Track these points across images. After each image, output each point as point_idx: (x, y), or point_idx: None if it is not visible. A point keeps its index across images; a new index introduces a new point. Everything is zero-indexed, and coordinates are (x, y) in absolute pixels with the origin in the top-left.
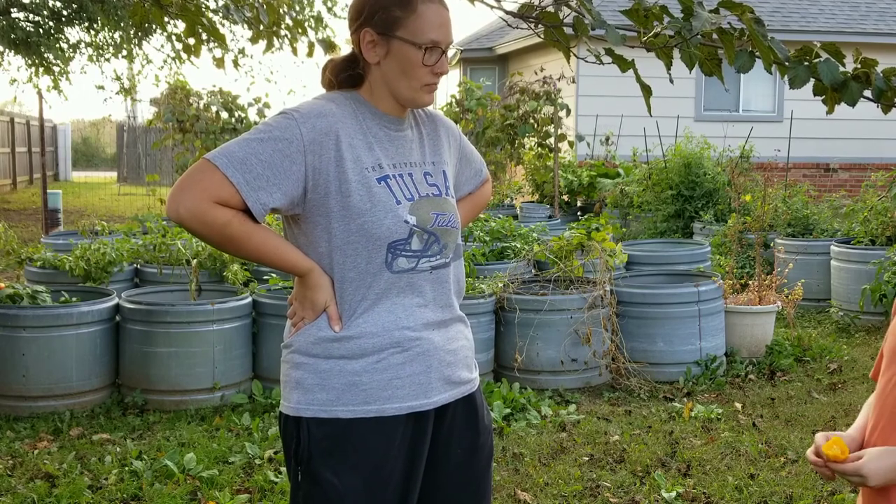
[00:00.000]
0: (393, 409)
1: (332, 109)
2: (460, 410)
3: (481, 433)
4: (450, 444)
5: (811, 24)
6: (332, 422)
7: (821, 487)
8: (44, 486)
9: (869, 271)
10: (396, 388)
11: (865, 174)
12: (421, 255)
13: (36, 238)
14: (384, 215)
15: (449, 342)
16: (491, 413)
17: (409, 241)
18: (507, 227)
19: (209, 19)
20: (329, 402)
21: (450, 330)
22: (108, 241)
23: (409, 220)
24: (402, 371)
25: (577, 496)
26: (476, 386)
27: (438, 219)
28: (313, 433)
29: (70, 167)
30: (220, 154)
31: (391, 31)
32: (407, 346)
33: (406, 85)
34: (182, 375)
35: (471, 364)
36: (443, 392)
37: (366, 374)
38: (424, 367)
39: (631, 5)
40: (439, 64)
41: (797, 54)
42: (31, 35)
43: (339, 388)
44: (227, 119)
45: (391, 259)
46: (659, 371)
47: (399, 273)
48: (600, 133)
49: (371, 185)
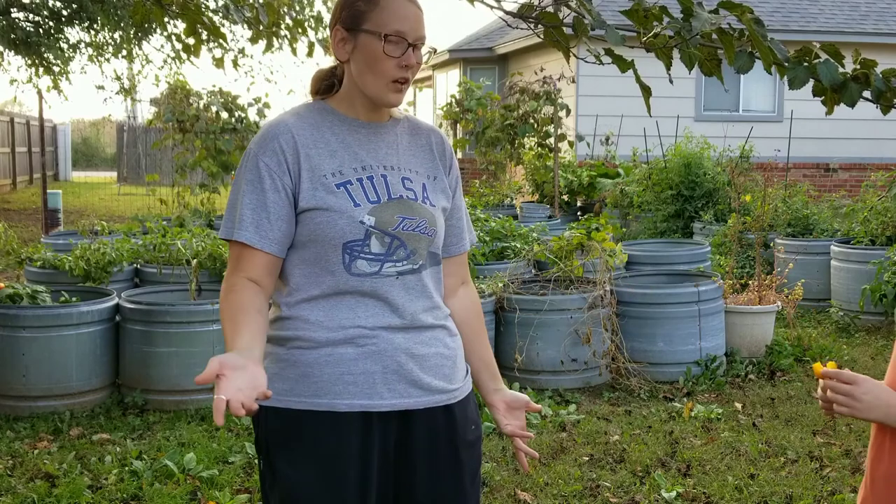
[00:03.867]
0: (344, 405)
1: (287, 125)
2: (440, 421)
3: (461, 448)
4: (424, 453)
5: (811, 24)
6: (286, 412)
7: (821, 487)
8: (44, 486)
9: (869, 271)
10: (347, 383)
11: (865, 174)
12: (384, 259)
13: (36, 238)
14: (338, 217)
15: (416, 346)
16: (480, 428)
17: (367, 243)
18: (507, 227)
19: (209, 18)
20: (284, 391)
21: (421, 335)
22: (108, 241)
23: (365, 221)
24: (355, 367)
25: (577, 496)
26: (457, 398)
27: (404, 222)
28: (270, 422)
29: (70, 167)
30: (224, 226)
31: (357, 25)
32: (361, 343)
33: (372, 81)
34: (182, 375)
35: (449, 374)
36: (403, 396)
37: (318, 366)
38: (379, 366)
39: (631, 5)
40: (405, 56)
41: (797, 55)
42: (31, 35)
43: (293, 378)
44: (227, 119)
45: (349, 261)
46: (659, 371)
47: (360, 276)
48: (600, 133)
49: (328, 191)
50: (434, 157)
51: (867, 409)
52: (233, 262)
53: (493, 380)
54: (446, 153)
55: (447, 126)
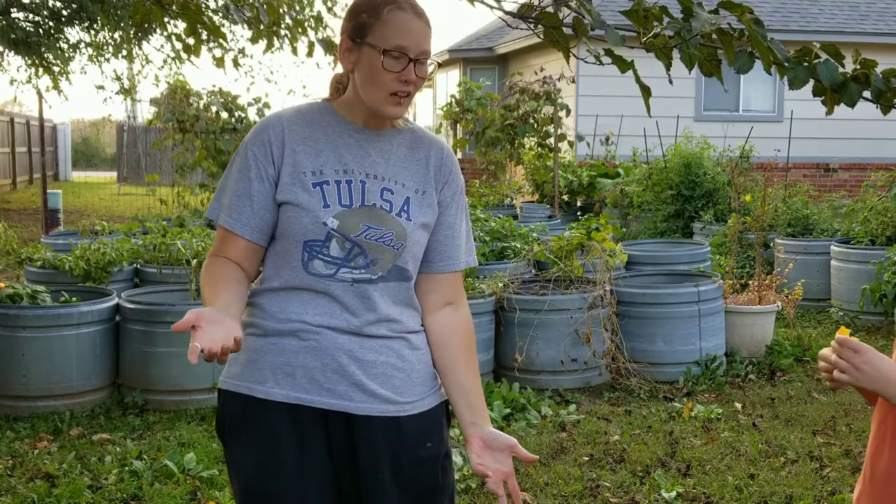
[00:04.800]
0: (280, 395)
1: (282, 119)
2: (385, 433)
3: (410, 464)
4: (373, 465)
5: (811, 24)
6: (234, 396)
7: (821, 487)
8: (44, 486)
9: (869, 271)
10: (286, 374)
11: (865, 174)
12: (342, 263)
13: (36, 238)
14: (304, 214)
15: (361, 351)
16: (442, 445)
17: (327, 245)
18: (507, 227)
19: (210, 18)
20: (235, 375)
21: (370, 342)
22: (108, 241)
23: (327, 223)
24: (294, 360)
25: (577, 496)
26: (407, 412)
27: (368, 231)
28: (224, 405)
29: (70, 167)
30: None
31: (361, 37)
32: (304, 336)
33: (371, 92)
34: (182, 375)
35: (399, 386)
36: (342, 398)
37: (262, 353)
38: (319, 363)
39: (631, 5)
40: (405, 71)
41: (797, 55)
42: (31, 35)
43: (242, 363)
44: (227, 119)
45: (307, 259)
46: (659, 371)
47: (315, 276)
48: (600, 133)
49: (304, 188)
50: (429, 172)
51: (866, 379)
52: (217, 242)
53: (471, 412)
54: (443, 168)
55: (447, 126)
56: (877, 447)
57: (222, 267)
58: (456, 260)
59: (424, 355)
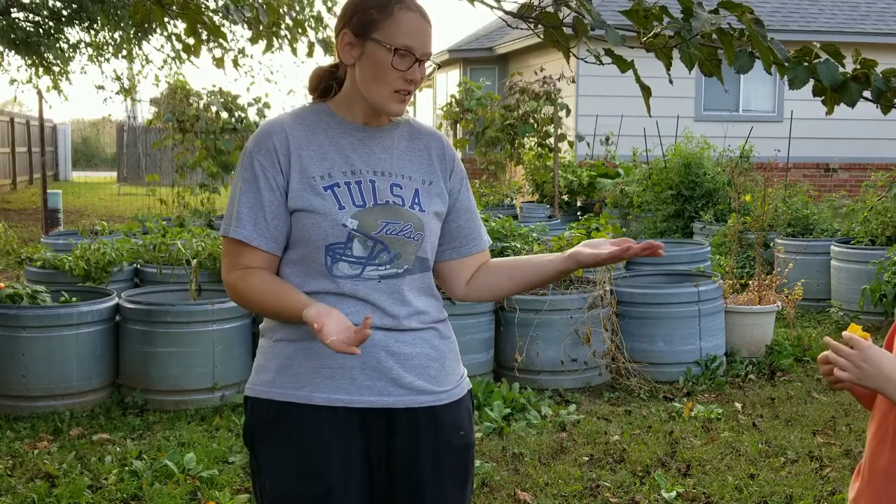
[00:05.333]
0: (321, 399)
1: (283, 125)
2: (423, 423)
3: (446, 453)
4: (410, 456)
5: (811, 24)
6: (268, 403)
7: (821, 487)
8: (44, 486)
9: (869, 271)
10: (325, 377)
11: (865, 174)
12: (367, 262)
13: (36, 238)
14: (322, 219)
15: (397, 345)
16: (471, 434)
17: (350, 246)
18: (507, 227)
19: (210, 18)
20: (267, 383)
21: (404, 334)
22: (108, 241)
23: (347, 224)
24: (332, 361)
25: (577, 496)
26: (443, 400)
27: (388, 227)
28: (255, 413)
29: (70, 167)
30: (224, 223)
31: (367, 32)
32: None
33: (376, 89)
34: (182, 375)
35: (435, 375)
36: (383, 394)
37: (296, 358)
38: (357, 362)
39: (631, 6)
40: (411, 71)
41: (797, 55)
42: (31, 35)
43: (275, 369)
44: (227, 119)
45: (331, 263)
46: (659, 371)
47: (342, 278)
48: (600, 133)
49: (315, 193)
50: (432, 161)
51: (867, 377)
52: (231, 258)
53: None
54: (446, 157)
55: (447, 126)
56: (877, 446)
57: (259, 275)
58: (481, 239)
59: (453, 344)
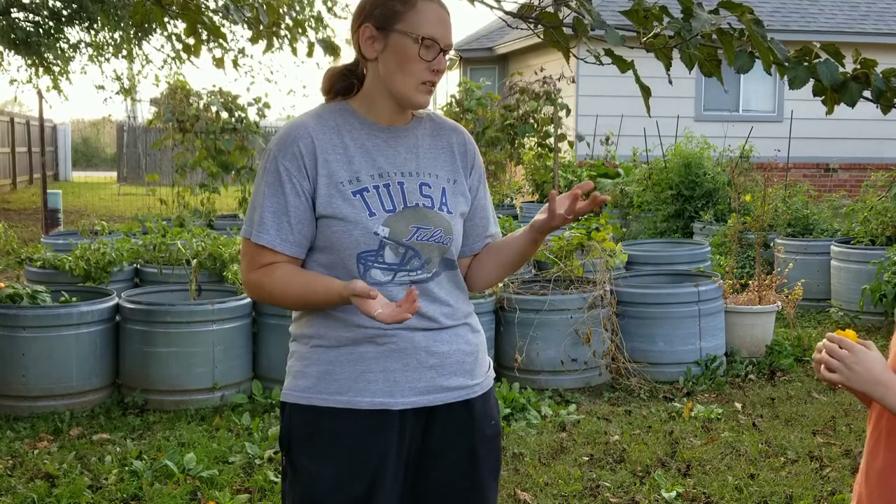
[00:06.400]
0: (365, 403)
1: (307, 128)
2: (457, 415)
3: (480, 442)
4: (442, 450)
5: (811, 24)
6: (309, 409)
7: (821, 487)
8: (44, 486)
9: (869, 271)
10: (368, 381)
11: (865, 174)
12: (398, 268)
13: (36, 238)
14: (353, 227)
15: (436, 344)
16: (499, 424)
17: (381, 254)
18: (507, 228)
19: (209, 18)
20: (307, 388)
21: (441, 333)
22: (108, 241)
23: (379, 232)
24: (375, 365)
25: (577, 496)
26: (476, 393)
27: (419, 233)
28: (294, 419)
29: (70, 167)
30: (245, 225)
31: (390, 24)
32: (381, 341)
33: (402, 81)
34: (182, 375)
35: (470, 369)
36: (424, 394)
37: (338, 364)
38: (400, 364)
39: (631, 5)
40: (436, 61)
41: (797, 55)
42: (31, 35)
43: (316, 375)
44: (227, 119)
45: (363, 270)
46: (659, 371)
47: (374, 285)
48: (600, 133)
49: (345, 199)
50: (455, 158)
51: (857, 379)
52: (252, 259)
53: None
54: (468, 153)
55: None
56: (873, 447)
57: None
58: (489, 234)
59: (482, 336)
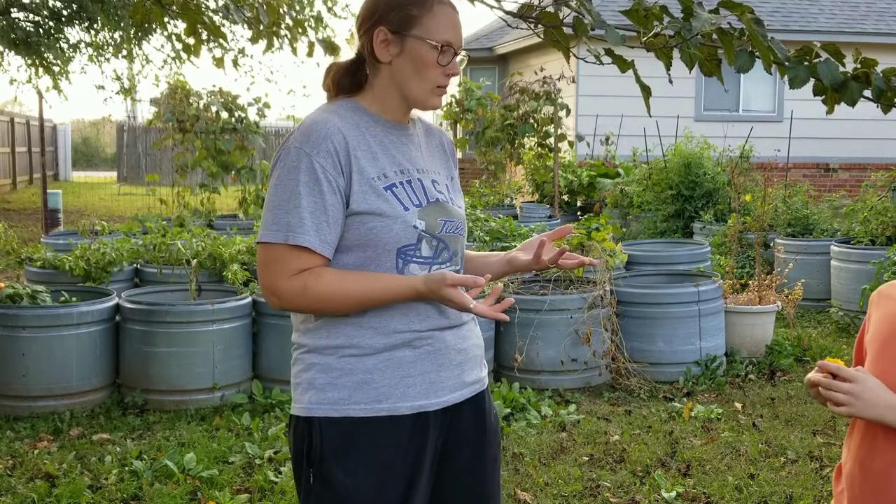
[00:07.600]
0: (405, 408)
1: (336, 125)
2: (467, 410)
3: (487, 433)
4: (458, 444)
5: (811, 24)
6: (344, 420)
7: (821, 487)
8: (44, 486)
9: (869, 271)
10: (408, 385)
11: (865, 174)
12: (433, 262)
13: (36, 238)
14: (393, 221)
15: (460, 341)
16: (497, 415)
17: (419, 247)
18: (507, 227)
19: (210, 18)
20: (341, 400)
21: (461, 329)
22: (108, 241)
23: (417, 226)
24: (414, 369)
25: (577, 496)
26: (485, 385)
27: (446, 225)
28: (325, 433)
29: (70, 167)
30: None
31: (407, 29)
32: (417, 344)
33: (418, 85)
34: (182, 375)
35: (481, 362)
36: (454, 391)
37: (377, 371)
38: (436, 365)
39: (631, 5)
40: (451, 65)
41: (797, 54)
42: (31, 35)
43: (351, 386)
44: (227, 119)
45: (402, 265)
46: (659, 371)
47: None
48: (600, 133)
49: (378, 194)
50: (447, 157)
51: (867, 406)
52: (286, 266)
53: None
54: (454, 153)
55: (447, 126)
56: (869, 449)
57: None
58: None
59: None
